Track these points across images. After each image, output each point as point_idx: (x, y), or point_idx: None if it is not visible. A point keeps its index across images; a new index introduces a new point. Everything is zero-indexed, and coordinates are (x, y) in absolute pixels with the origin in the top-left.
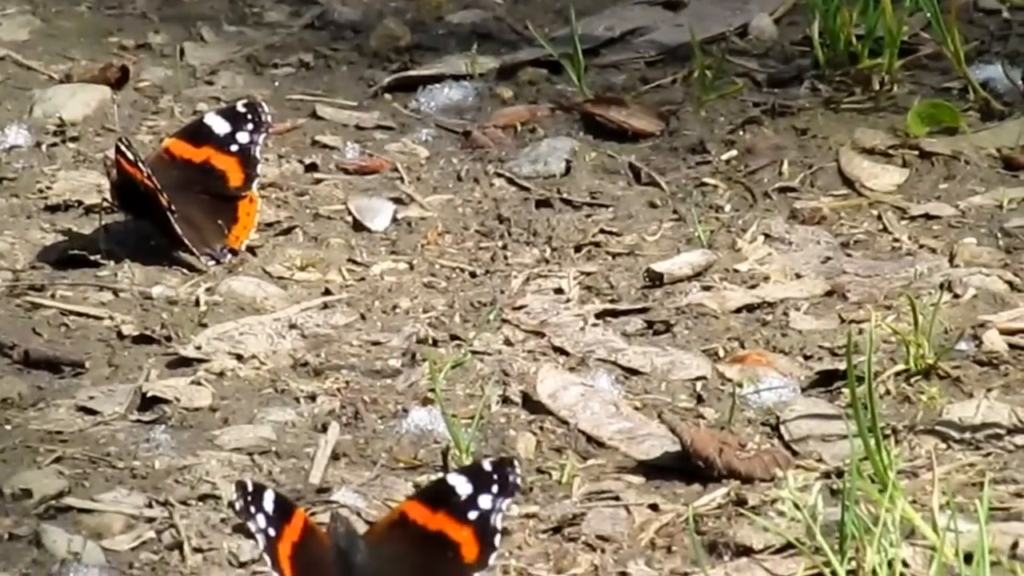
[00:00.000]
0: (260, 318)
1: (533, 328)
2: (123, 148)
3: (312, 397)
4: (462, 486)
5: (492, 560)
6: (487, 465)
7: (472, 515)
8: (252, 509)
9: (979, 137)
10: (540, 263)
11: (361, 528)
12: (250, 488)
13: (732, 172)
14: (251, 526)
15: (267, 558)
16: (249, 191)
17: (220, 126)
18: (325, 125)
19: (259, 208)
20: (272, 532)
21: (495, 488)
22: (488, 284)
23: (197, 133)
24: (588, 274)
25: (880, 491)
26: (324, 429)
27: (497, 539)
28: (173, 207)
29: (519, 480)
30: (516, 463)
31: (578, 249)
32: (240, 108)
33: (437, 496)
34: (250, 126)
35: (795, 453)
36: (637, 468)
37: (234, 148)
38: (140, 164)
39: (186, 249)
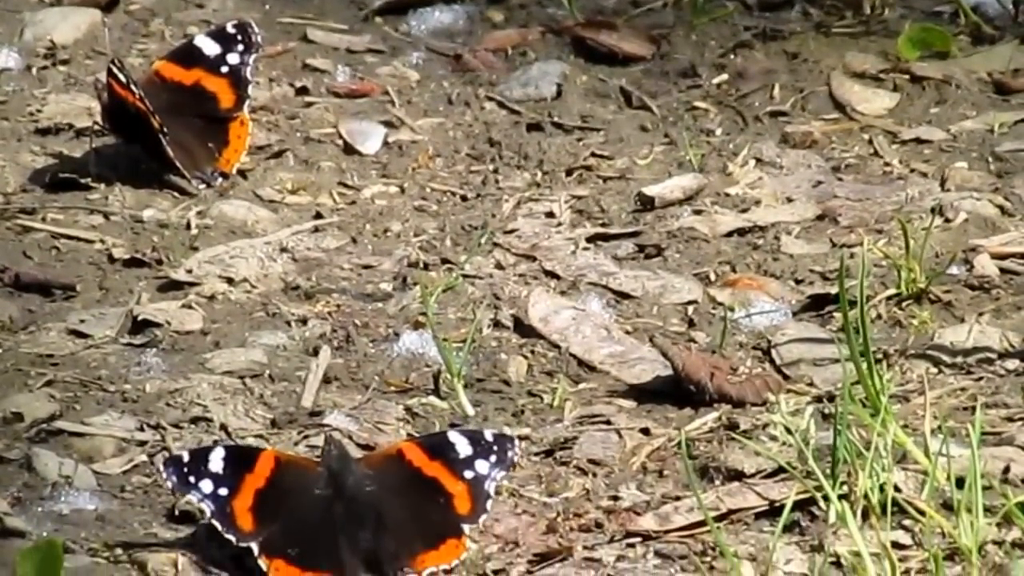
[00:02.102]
0: (251, 241)
1: (524, 252)
2: (115, 70)
3: (303, 320)
4: (462, 446)
5: (481, 520)
6: (488, 436)
7: (468, 475)
8: (192, 479)
9: (970, 61)
10: (531, 187)
11: (355, 453)
12: (186, 458)
13: (723, 96)
14: (193, 497)
15: (218, 524)
16: (240, 113)
17: (210, 47)
18: (316, 48)
19: (250, 131)
20: (224, 491)
21: (492, 458)
22: (479, 208)
23: (187, 55)
24: (579, 198)
25: (872, 415)
26: (315, 352)
27: (489, 503)
28: (165, 129)
29: (516, 458)
30: (517, 441)
31: (569, 173)
32: (230, 29)
33: (436, 447)
34: (240, 47)
35: (786, 377)
36: (628, 392)
37: (224, 69)
38: (132, 86)
39: (177, 172)
